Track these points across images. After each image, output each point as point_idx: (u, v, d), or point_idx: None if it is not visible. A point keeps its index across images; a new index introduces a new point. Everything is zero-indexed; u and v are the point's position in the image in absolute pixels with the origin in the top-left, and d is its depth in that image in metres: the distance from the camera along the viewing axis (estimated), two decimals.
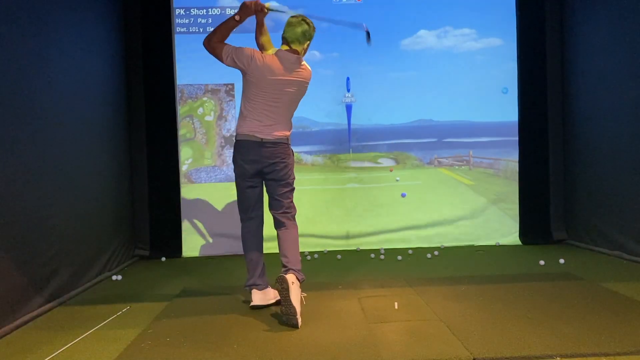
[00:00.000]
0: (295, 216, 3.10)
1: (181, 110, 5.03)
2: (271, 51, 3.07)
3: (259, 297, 3.03)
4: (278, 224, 3.05)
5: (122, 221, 4.57)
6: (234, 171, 3.08)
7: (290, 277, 2.75)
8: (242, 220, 3.13)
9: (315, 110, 5.07)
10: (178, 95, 5.00)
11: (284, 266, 2.90)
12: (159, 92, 4.93)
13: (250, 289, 3.06)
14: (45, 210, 3.20)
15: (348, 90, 5.04)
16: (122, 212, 4.59)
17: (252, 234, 3.11)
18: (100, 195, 4.10)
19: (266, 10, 3.04)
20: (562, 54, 5.03)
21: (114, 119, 4.46)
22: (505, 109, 5.12)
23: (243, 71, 2.99)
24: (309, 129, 5.12)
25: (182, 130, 5.03)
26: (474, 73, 5.13)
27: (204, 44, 2.99)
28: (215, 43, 2.96)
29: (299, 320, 2.70)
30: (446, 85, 5.13)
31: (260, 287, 3.06)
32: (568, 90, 4.96)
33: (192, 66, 4.98)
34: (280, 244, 3.00)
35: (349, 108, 5.07)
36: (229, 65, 2.99)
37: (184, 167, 5.02)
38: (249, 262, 3.09)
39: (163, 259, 4.83)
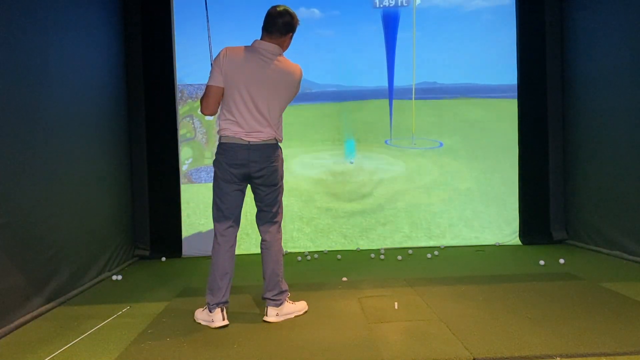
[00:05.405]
0: (281, 222, 2.93)
1: (181, 110, 5.02)
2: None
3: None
4: (262, 239, 2.90)
5: (122, 221, 4.57)
6: (217, 175, 2.77)
7: (271, 316, 2.80)
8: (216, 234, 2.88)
9: (315, 71, 4.98)
10: (178, 95, 5.00)
11: (263, 294, 2.88)
12: (159, 92, 4.93)
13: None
14: (45, 210, 3.20)
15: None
16: (122, 212, 4.59)
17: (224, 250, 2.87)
18: (100, 195, 4.10)
19: None
20: (562, 54, 5.02)
21: (114, 119, 4.46)
22: (507, 75, 5.07)
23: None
24: (309, 90, 5.03)
25: (182, 130, 5.02)
26: (481, 34, 5.02)
27: (204, 113, 2.76)
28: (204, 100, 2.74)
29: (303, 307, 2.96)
30: (452, 46, 5.03)
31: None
32: (568, 90, 4.95)
33: (192, 66, 4.98)
34: (262, 262, 2.90)
35: None
36: (223, 84, 2.68)
37: (184, 167, 5.02)
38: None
39: (163, 259, 4.83)
